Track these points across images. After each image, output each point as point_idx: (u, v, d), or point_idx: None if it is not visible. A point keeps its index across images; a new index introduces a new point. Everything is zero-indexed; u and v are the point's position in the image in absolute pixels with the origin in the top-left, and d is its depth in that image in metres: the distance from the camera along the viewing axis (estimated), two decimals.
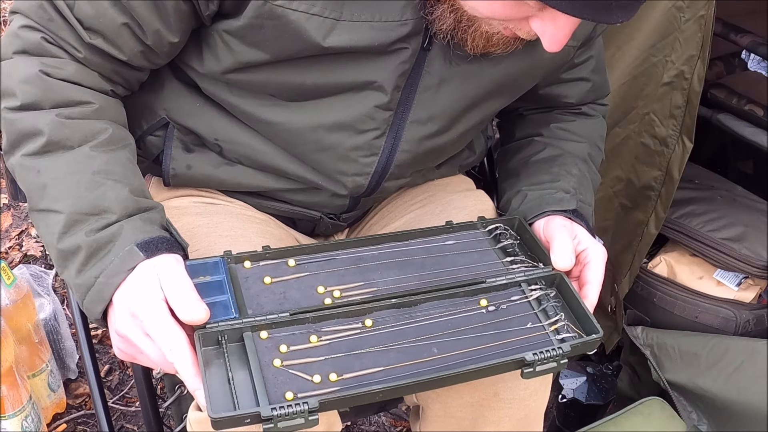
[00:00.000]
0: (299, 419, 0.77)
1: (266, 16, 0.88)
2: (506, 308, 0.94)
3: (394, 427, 1.84)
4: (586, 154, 1.16)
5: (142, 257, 0.82)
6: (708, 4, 1.33)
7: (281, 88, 0.97)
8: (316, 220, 1.14)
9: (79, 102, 0.90)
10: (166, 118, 1.04)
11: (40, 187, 0.87)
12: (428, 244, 1.02)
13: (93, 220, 0.84)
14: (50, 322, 1.76)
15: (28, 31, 0.90)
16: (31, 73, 0.88)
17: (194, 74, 1.01)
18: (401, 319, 0.91)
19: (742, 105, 1.59)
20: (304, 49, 0.91)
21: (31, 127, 0.88)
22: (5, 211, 2.39)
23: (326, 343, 0.87)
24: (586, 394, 1.69)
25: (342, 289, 0.93)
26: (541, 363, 0.86)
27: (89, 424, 1.77)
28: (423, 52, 0.95)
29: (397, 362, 0.86)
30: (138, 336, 0.81)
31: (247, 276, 0.93)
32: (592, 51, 1.15)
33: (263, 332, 0.86)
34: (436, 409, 1.11)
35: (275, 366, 0.83)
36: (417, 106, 0.99)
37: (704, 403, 1.50)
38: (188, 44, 0.98)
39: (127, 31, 0.90)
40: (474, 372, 0.85)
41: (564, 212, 1.05)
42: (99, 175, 0.87)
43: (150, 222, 0.87)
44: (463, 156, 1.23)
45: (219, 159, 1.06)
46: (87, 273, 0.84)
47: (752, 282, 1.58)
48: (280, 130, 1.00)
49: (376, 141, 1.01)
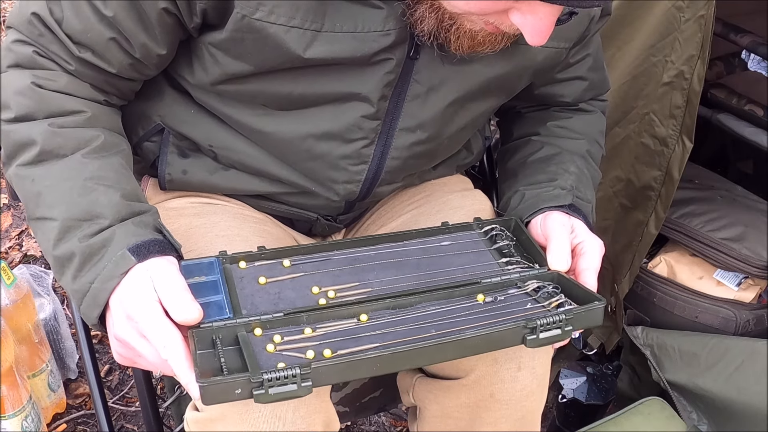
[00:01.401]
0: (291, 385, 0.74)
1: (246, 29, 0.88)
2: (504, 299, 0.93)
3: (394, 427, 1.84)
4: (585, 151, 1.16)
5: (134, 261, 0.82)
6: (708, 4, 1.33)
7: (270, 98, 0.97)
8: (313, 221, 1.15)
9: (71, 111, 0.91)
10: (162, 124, 1.05)
11: (35, 195, 0.88)
12: (424, 245, 1.02)
13: (86, 226, 0.85)
14: (50, 322, 1.76)
15: (20, 46, 0.92)
16: (24, 85, 0.90)
17: (187, 84, 1.02)
18: (397, 316, 0.90)
19: (742, 105, 1.59)
20: (285, 61, 0.91)
21: (25, 138, 0.89)
22: (5, 211, 2.39)
23: (321, 333, 0.86)
24: (586, 394, 1.69)
25: (337, 290, 0.92)
26: (545, 329, 0.83)
27: (89, 424, 1.78)
28: (410, 61, 0.95)
29: (394, 340, 0.84)
30: (135, 338, 0.81)
31: (242, 276, 0.93)
32: (588, 49, 1.15)
33: (257, 329, 0.86)
34: (434, 409, 1.11)
35: (269, 351, 0.83)
36: (405, 114, 0.99)
37: (704, 403, 1.50)
38: (180, 56, 0.99)
39: (115, 45, 0.91)
40: (475, 340, 0.82)
41: (561, 207, 1.04)
42: (91, 181, 0.87)
43: (143, 225, 0.87)
44: (461, 156, 1.23)
45: (214, 164, 1.07)
46: (82, 279, 0.84)
47: (752, 282, 1.58)
48: (272, 139, 1.01)
49: (365, 150, 1.01)
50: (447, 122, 1.04)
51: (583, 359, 1.81)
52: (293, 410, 0.88)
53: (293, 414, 0.88)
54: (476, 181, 1.43)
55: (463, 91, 1.01)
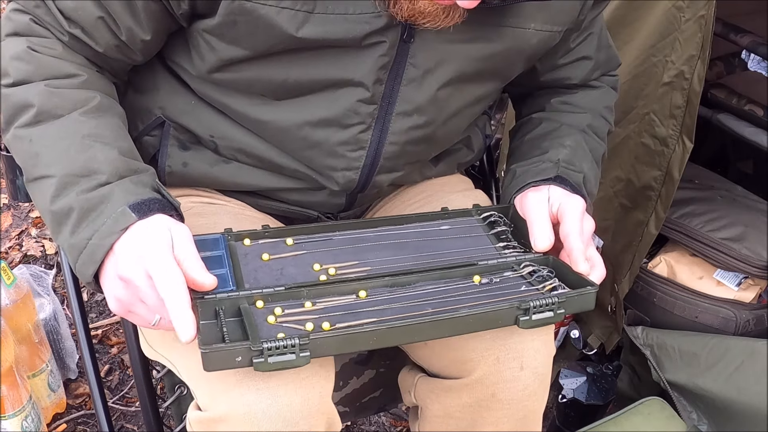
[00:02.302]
0: (290, 355, 0.77)
1: (237, 12, 0.90)
2: (499, 280, 0.96)
3: (394, 427, 1.84)
4: (585, 126, 1.16)
5: (135, 218, 0.83)
6: (708, 4, 1.33)
7: (267, 86, 0.99)
8: (313, 220, 1.15)
9: (68, 74, 0.93)
10: (162, 116, 1.06)
11: (33, 155, 0.89)
12: (423, 228, 1.04)
13: (84, 181, 0.86)
14: (50, 322, 1.76)
15: (18, 14, 0.95)
16: (21, 50, 0.92)
17: (186, 75, 1.03)
18: (395, 294, 0.93)
19: (742, 105, 1.59)
20: (278, 42, 0.93)
21: (23, 100, 0.91)
22: (5, 211, 2.39)
23: (321, 308, 0.88)
24: (586, 394, 1.69)
25: (337, 267, 0.95)
26: (537, 310, 0.86)
27: (89, 424, 1.78)
28: (405, 45, 0.96)
29: (392, 316, 0.86)
30: (140, 277, 0.81)
31: (246, 253, 0.96)
32: (591, 29, 1.16)
33: (259, 302, 0.88)
34: (435, 409, 1.11)
35: (269, 322, 0.85)
36: (402, 98, 1.00)
37: (704, 403, 1.50)
38: (178, 46, 1.01)
39: (103, 25, 0.93)
40: (469, 318, 0.85)
41: (547, 181, 1.05)
42: (89, 138, 0.89)
43: (141, 184, 0.88)
44: (462, 154, 1.23)
45: (215, 157, 1.07)
46: (79, 234, 0.84)
47: (752, 282, 1.58)
48: (270, 128, 1.02)
49: (362, 135, 1.02)
50: (443, 105, 1.05)
51: (583, 359, 1.81)
52: (296, 410, 0.88)
53: (296, 414, 0.88)
54: (477, 181, 1.43)
55: (458, 72, 1.02)
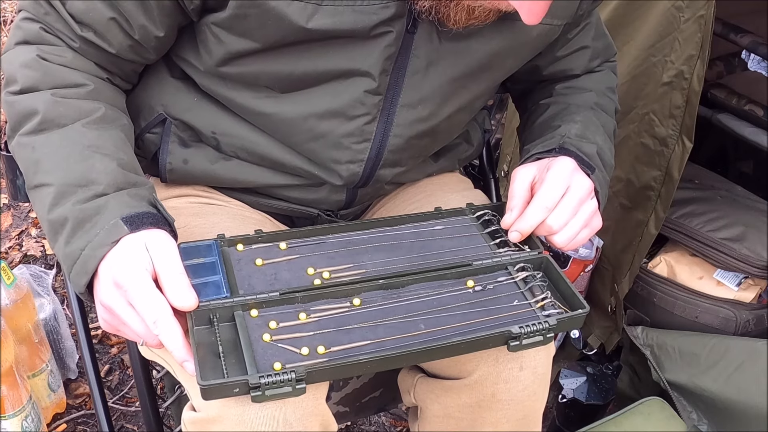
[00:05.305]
0: (286, 387, 0.80)
1: (248, 5, 0.91)
2: (493, 288, 0.96)
3: (394, 427, 1.84)
4: (593, 103, 1.17)
5: (127, 231, 0.84)
6: (708, 4, 1.33)
7: (273, 78, 0.99)
8: (314, 218, 1.15)
9: (75, 84, 0.94)
10: (164, 114, 1.06)
11: (34, 162, 0.90)
12: (417, 229, 1.05)
13: (81, 191, 0.87)
14: (50, 322, 1.76)
15: (27, 23, 0.96)
16: (30, 58, 0.93)
17: (192, 70, 1.03)
18: (389, 299, 0.93)
19: (742, 105, 1.59)
20: (288, 34, 0.93)
21: (28, 108, 0.91)
22: (5, 211, 2.39)
23: (315, 320, 0.89)
24: (586, 394, 1.69)
25: (331, 271, 0.96)
26: (527, 336, 0.88)
27: (89, 424, 1.78)
28: (408, 35, 0.96)
29: (385, 336, 0.88)
30: (121, 306, 0.82)
31: (239, 258, 0.96)
32: (589, 18, 1.16)
33: (253, 311, 0.89)
34: (435, 409, 1.11)
35: (265, 341, 0.86)
36: (407, 89, 1.00)
37: (704, 403, 1.50)
38: (186, 41, 1.01)
39: (115, 26, 0.93)
40: (461, 344, 0.86)
41: (549, 153, 1.05)
42: (89, 149, 0.90)
43: (137, 197, 0.89)
44: (461, 149, 1.24)
45: (216, 154, 1.08)
46: (73, 244, 0.85)
47: (752, 282, 1.58)
48: (275, 120, 1.02)
49: (367, 126, 1.02)
50: (447, 100, 1.05)
51: (583, 359, 1.81)
52: (290, 413, 0.88)
53: (290, 416, 0.89)
54: (476, 181, 1.44)
55: (464, 68, 1.02)
